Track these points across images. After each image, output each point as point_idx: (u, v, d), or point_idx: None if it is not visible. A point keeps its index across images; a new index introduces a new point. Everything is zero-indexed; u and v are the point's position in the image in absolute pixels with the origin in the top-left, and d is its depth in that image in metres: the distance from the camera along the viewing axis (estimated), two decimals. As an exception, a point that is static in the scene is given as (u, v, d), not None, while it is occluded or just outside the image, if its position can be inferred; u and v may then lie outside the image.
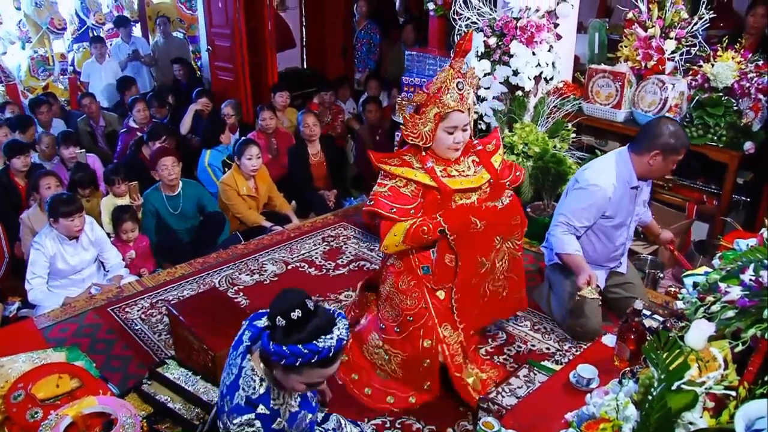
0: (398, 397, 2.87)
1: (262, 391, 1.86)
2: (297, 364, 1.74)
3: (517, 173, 2.85)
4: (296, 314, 1.74)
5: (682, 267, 3.41)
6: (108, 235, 4.16)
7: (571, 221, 3.11)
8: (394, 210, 2.60)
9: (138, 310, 3.64)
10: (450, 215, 2.59)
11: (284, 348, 1.73)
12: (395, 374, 2.88)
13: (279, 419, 1.88)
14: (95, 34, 7.78)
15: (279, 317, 1.76)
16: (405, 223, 2.59)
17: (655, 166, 3.00)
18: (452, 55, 2.62)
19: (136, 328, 3.48)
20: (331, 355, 1.77)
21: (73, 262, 3.82)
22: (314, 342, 1.75)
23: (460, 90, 2.55)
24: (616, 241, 3.24)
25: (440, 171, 2.63)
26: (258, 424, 1.81)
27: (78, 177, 4.60)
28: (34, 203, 4.31)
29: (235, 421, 1.81)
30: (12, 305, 3.89)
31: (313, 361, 1.74)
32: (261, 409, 1.83)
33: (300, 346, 1.73)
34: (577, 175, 3.25)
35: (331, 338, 1.77)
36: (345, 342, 1.82)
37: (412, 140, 2.63)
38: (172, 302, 3.55)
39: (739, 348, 1.56)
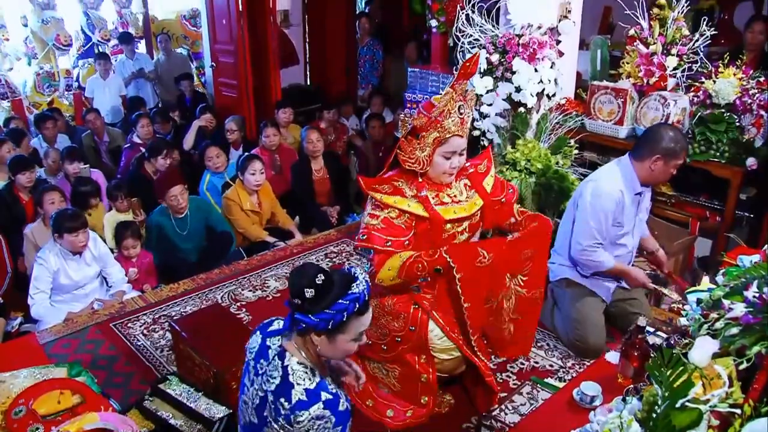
0: (397, 410, 2.83)
1: (317, 379, 1.90)
2: (345, 318, 1.84)
3: (510, 191, 2.81)
4: (320, 279, 1.82)
5: (681, 287, 3.42)
6: (111, 250, 4.16)
7: (597, 238, 3.12)
8: (389, 243, 2.50)
9: (140, 326, 3.64)
10: (456, 251, 2.48)
11: (328, 311, 1.82)
12: (395, 388, 2.83)
13: (341, 400, 1.91)
14: (100, 50, 7.84)
15: (306, 289, 1.82)
16: (399, 258, 2.49)
17: (657, 170, 3.05)
18: (455, 77, 2.51)
19: (138, 343, 3.47)
20: (366, 297, 1.89)
21: (77, 277, 3.82)
22: (349, 292, 1.85)
23: (461, 114, 2.48)
24: (622, 250, 3.24)
25: (432, 198, 2.56)
26: (328, 412, 1.84)
27: (82, 190, 4.61)
28: (39, 218, 4.32)
29: (301, 418, 1.82)
30: (14, 320, 3.90)
31: (356, 309, 1.85)
32: (324, 395, 1.87)
33: (340, 300, 1.83)
34: (581, 188, 3.26)
35: (359, 283, 1.89)
36: (369, 284, 1.95)
37: (409, 166, 2.53)
38: (175, 318, 3.55)
39: (744, 365, 1.55)
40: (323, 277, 1.83)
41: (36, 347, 3.21)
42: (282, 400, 1.86)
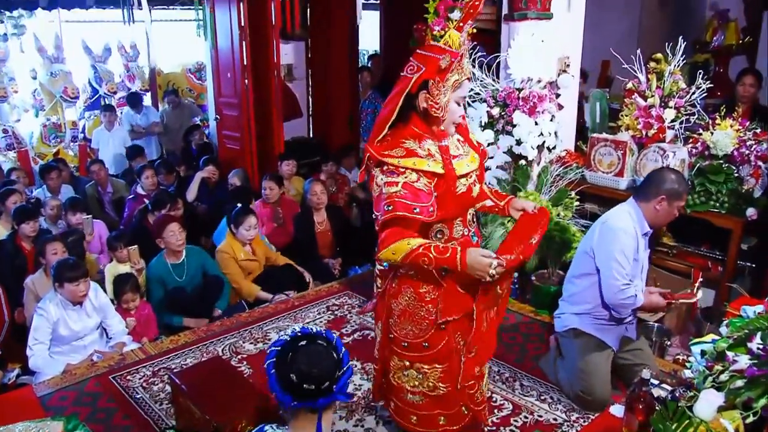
0: (422, 418, 2.65)
1: None
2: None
3: (482, 148, 2.73)
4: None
5: (689, 300, 3.43)
6: (111, 301, 4.15)
7: (626, 276, 3.09)
8: (417, 210, 2.30)
9: (140, 378, 3.60)
10: (469, 258, 2.22)
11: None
12: (436, 391, 2.60)
13: None
14: (106, 102, 7.97)
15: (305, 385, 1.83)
16: (407, 244, 2.28)
17: (662, 211, 3.10)
18: (461, 17, 2.40)
19: (137, 396, 3.43)
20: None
21: (76, 328, 3.80)
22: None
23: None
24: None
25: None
26: None
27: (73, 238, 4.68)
28: (40, 268, 4.33)
29: None
30: (11, 372, 3.86)
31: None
32: None
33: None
34: (593, 232, 3.27)
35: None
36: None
37: (435, 112, 2.37)
38: (174, 370, 3.52)
39: (751, 419, 1.53)
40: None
41: (32, 400, 3.18)
42: None
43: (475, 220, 2.71)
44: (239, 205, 4.94)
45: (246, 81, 6.52)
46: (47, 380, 3.59)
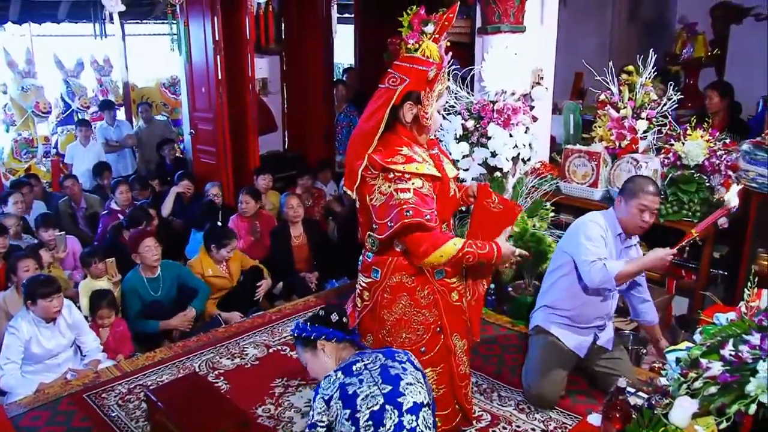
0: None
1: None
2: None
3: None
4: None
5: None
6: (86, 317, 4.09)
7: (595, 254, 3.03)
8: (428, 217, 2.40)
9: (115, 396, 3.55)
10: (503, 247, 2.54)
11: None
12: (437, 392, 2.69)
13: None
14: (80, 117, 7.89)
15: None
16: (454, 246, 2.43)
17: (624, 211, 3.13)
18: (436, 29, 2.54)
19: (113, 414, 3.38)
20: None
21: (49, 345, 3.74)
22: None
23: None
24: (602, 293, 3.24)
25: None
26: None
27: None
28: (11, 285, 4.25)
29: None
30: (-18, 392, 3.78)
31: None
32: None
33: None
34: (566, 235, 3.34)
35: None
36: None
37: (426, 122, 2.48)
38: (150, 387, 3.47)
39: (725, 425, 1.55)
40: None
41: (3, 421, 3.12)
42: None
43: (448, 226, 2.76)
44: (209, 222, 4.96)
45: (221, 95, 6.50)
46: (19, 400, 3.51)
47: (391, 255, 2.57)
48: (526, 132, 4.39)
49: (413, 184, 2.39)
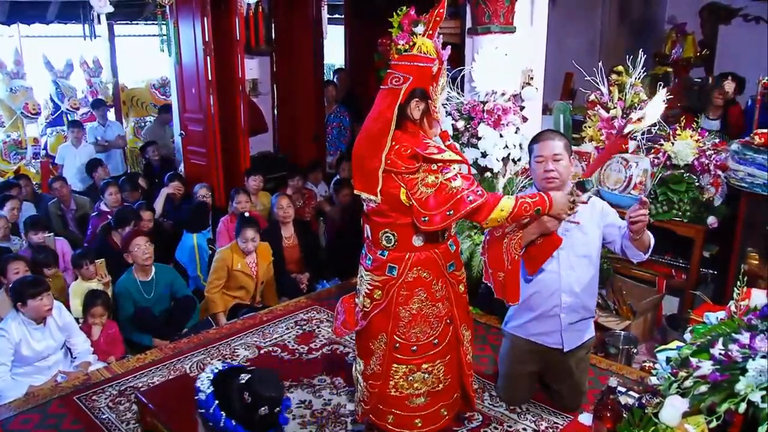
0: (426, 417, 2.76)
1: None
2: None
3: None
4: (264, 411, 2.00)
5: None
6: (76, 320, 4.07)
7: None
8: (480, 192, 2.50)
9: (106, 398, 3.53)
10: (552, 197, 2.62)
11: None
12: (440, 385, 2.74)
13: None
14: (69, 118, 7.85)
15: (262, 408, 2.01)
16: (508, 201, 2.51)
17: (532, 173, 3.05)
18: (428, 24, 2.59)
19: (104, 417, 3.36)
20: None
21: (39, 347, 3.72)
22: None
23: None
24: (545, 276, 3.02)
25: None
26: None
27: (40, 258, 4.55)
28: (1, 288, 4.23)
29: None
30: (-30, 396, 3.75)
31: None
32: None
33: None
34: None
35: None
36: None
37: (436, 116, 2.56)
38: (141, 389, 3.46)
39: (715, 423, 1.56)
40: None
41: (-6, 424, 3.10)
42: None
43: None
44: (200, 224, 4.95)
45: (211, 96, 6.47)
46: (8, 403, 3.48)
47: (409, 251, 2.58)
48: (516, 132, 4.40)
49: (454, 169, 2.48)
